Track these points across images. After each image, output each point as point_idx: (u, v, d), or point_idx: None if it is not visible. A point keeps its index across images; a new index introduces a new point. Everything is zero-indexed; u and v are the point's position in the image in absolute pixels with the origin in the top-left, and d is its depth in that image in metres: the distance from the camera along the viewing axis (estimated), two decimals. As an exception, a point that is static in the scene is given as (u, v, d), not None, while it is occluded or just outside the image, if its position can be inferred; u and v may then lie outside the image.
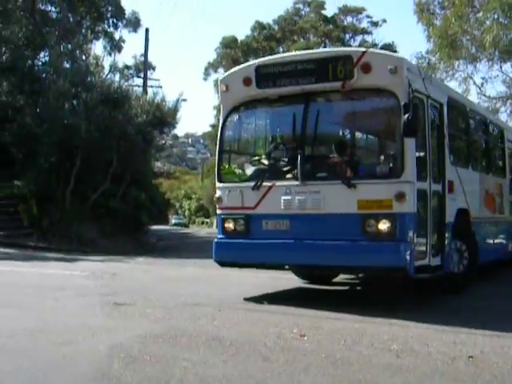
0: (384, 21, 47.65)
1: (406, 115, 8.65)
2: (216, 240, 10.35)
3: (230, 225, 10.13)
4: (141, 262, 17.90)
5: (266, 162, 10.56)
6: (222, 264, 10.48)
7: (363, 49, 9.94)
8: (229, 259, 10.25)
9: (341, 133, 12.11)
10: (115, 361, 5.79)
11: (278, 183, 9.69)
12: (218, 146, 10.67)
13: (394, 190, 8.84)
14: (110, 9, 37.47)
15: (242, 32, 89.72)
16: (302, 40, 46.20)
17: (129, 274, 14.39)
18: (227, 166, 10.79)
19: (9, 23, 26.03)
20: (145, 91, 34.39)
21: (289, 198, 9.54)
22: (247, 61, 48.59)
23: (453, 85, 29.59)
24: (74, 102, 24.08)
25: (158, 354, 6.08)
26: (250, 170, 10.61)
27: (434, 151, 10.10)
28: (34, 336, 6.87)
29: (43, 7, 34.89)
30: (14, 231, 22.84)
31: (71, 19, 34.78)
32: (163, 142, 31.40)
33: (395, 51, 46.99)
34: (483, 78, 32.37)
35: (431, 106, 10.05)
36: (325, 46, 46.59)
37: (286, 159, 10.12)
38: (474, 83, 32.32)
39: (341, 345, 6.71)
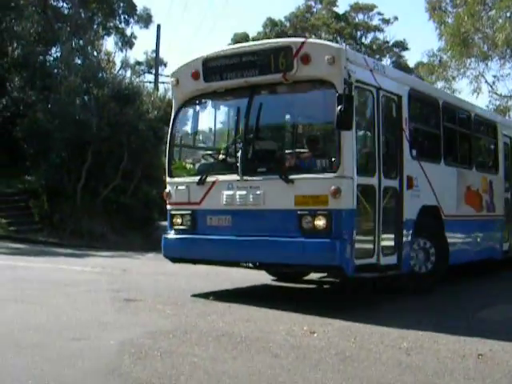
0: (396, 18, 47.51)
1: (339, 107, 8.35)
2: (165, 235, 10.34)
3: (178, 220, 10.07)
4: (151, 258, 17.92)
5: (211, 156, 10.57)
6: (172, 260, 10.39)
7: (302, 39, 9.71)
8: (177, 255, 10.17)
9: (282, 126, 11.77)
10: (125, 356, 5.82)
11: (221, 178, 9.58)
12: (168, 141, 10.62)
13: (329, 185, 8.59)
14: (121, 5, 37.53)
15: (254, 29, 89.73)
16: (313, 37, 46.19)
17: (139, 269, 14.43)
18: (177, 161, 10.73)
19: (21, 19, 26.08)
20: (156, 87, 34.37)
21: (230, 193, 9.41)
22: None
23: (464, 82, 29.46)
24: (86, 97, 24.09)
25: (168, 349, 6.12)
26: (197, 165, 10.59)
27: (389, 145, 9.88)
28: (46, 331, 6.92)
29: (55, 3, 34.93)
30: (25, 226, 22.88)
31: (83, 15, 34.80)
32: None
33: (407, 48, 47.13)
34: (495, 76, 32.25)
35: (384, 98, 9.70)
36: (337, 43, 46.53)
37: (230, 154, 10.07)
38: (486, 81, 32.22)
39: (351, 342, 6.72)
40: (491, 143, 14.66)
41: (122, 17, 38.22)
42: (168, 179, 10.38)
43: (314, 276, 12.41)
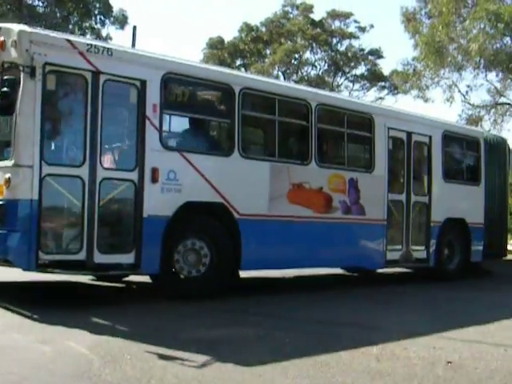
0: (371, 26, 47.48)
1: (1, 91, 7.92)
2: None
3: None
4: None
5: None
6: None
7: None
8: None
9: None
10: (95, 359, 5.77)
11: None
12: None
13: (3, 174, 8.20)
14: (97, 5, 37.31)
15: (230, 33, 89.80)
16: (289, 42, 46.29)
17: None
18: None
19: (-5, 17, 25.90)
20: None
21: None
22: (234, 62, 48.00)
23: (438, 92, 29.74)
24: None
25: (138, 353, 6.08)
26: None
27: (124, 135, 9.62)
28: (14, 334, 6.85)
29: (30, 2, 34.69)
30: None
31: (58, 14, 34.59)
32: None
33: (382, 57, 47.30)
34: (468, 86, 32.57)
35: (115, 83, 9.01)
36: (312, 49, 46.81)
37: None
38: (459, 91, 32.51)
39: (320, 348, 6.73)
40: (357, 137, 13.11)
41: (98, 17, 38.00)
42: None
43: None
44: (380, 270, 14.62)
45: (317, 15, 48.64)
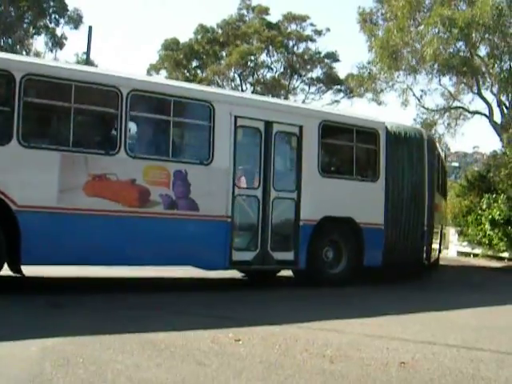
0: (328, 29, 47.77)
1: None
2: None
3: None
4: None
5: None
6: None
7: None
8: None
9: None
10: (47, 363, 5.69)
11: None
12: None
13: None
14: (52, 4, 36.93)
15: (186, 35, 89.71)
16: (245, 44, 46.26)
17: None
18: None
19: None
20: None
21: None
22: (190, 63, 47.81)
23: (392, 95, 30.11)
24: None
25: (91, 356, 6.01)
26: None
27: None
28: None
29: (-17, 0, 34.21)
30: None
31: (12, 13, 34.14)
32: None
33: (338, 60, 47.60)
34: (422, 91, 32.90)
35: None
36: (268, 52, 46.86)
37: None
38: (414, 95, 32.83)
39: (275, 349, 6.73)
40: (191, 126, 12.35)
41: (53, 16, 37.63)
42: None
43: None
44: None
45: (273, 18, 48.84)
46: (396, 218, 14.12)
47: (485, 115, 30.41)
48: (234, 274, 13.50)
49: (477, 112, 31.57)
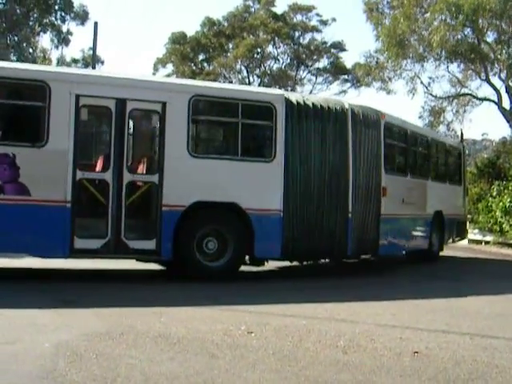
0: (333, 19, 47.71)
1: None
2: None
3: None
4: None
5: None
6: None
7: None
8: None
9: None
10: (60, 359, 5.69)
11: None
12: None
13: None
14: (58, 1, 36.92)
15: (192, 28, 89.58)
16: (251, 37, 46.21)
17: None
18: None
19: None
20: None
21: None
22: (196, 57, 47.79)
23: (400, 83, 30.00)
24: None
25: (104, 351, 6.01)
26: None
27: None
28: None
29: (-11, -2, 34.26)
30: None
31: (18, 11, 34.15)
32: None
33: (344, 49, 47.48)
34: (430, 78, 32.86)
35: None
36: (274, 43, 46.80)
37: None
38: (422, 82, 32.79)
39: (288, 341, 6.72)
40: (20, 107, 11.22)
41: (59, 13, 37.62)
42: None
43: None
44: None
45: (279, 9, 48.76)
46: (303, 202, 12.26)
47: (493, 101, 30.32)
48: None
49: (485, 98, 31.47)
